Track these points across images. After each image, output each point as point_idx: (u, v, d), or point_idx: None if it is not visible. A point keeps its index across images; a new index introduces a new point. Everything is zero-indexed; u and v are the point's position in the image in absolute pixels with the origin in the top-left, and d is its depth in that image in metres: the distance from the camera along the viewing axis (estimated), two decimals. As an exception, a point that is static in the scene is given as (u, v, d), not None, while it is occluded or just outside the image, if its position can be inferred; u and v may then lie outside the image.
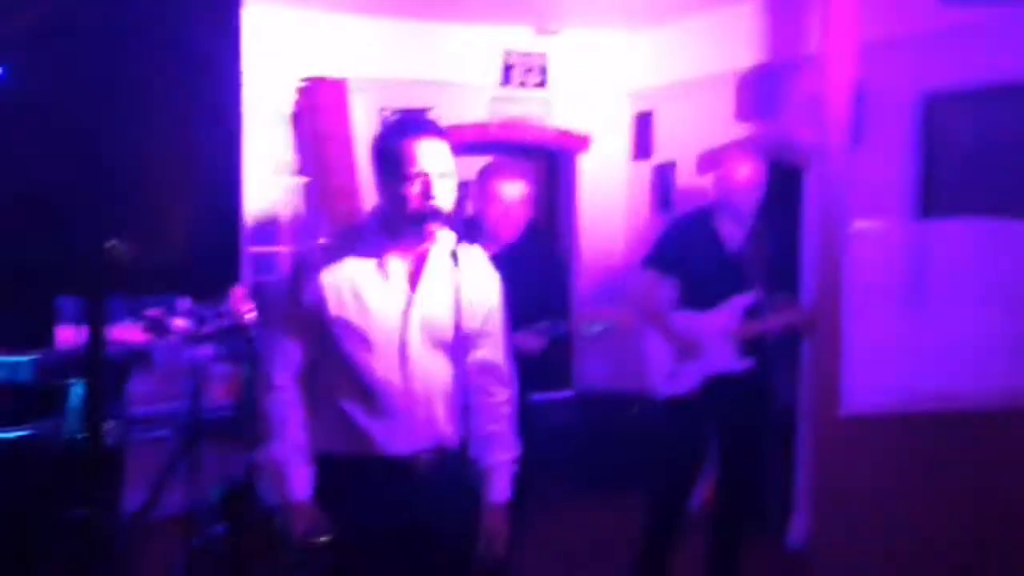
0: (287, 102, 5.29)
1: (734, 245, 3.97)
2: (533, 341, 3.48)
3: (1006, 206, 3.94)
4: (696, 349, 3.91)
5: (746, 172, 3.85)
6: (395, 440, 2.39)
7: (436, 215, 2.34)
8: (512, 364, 2.65)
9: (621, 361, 4.22)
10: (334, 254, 2.41)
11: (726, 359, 3.91)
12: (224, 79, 1.72)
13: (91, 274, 1.72)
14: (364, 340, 2.37)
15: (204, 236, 1.76)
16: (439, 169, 2.35)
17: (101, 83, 1.69)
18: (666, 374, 3.98)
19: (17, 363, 3.18)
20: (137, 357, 3.50)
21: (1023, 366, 2.93)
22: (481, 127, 5.85)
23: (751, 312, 3.92)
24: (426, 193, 2.33)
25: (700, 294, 3.85)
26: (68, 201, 1.69)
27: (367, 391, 2.37)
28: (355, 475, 2.40)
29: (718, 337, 3.91)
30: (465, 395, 2.52)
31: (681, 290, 4.02)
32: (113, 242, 1.68)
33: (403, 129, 2.40)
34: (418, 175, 2.33)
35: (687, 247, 4.00)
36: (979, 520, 2.85)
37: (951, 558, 2.86)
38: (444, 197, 2.36)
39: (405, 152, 2.34)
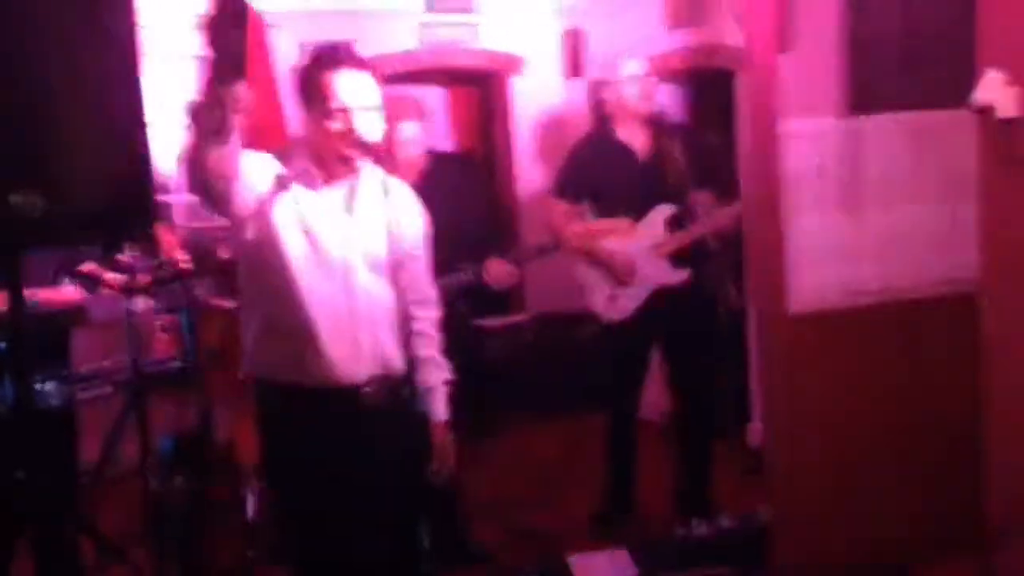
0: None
1: (645, 155, 3.92)
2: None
3: (933, 97, 3.96)
4: (630, 273, 3.88)
5: (637, 84, 3.81)
6: (343, 368, 2.37)
7: (362, 150, 2.31)
8: (435, 289, 2.66)
9: (568, 281, 4.19)
10: (275, 183, 2.35)
11: (660, 274, 3.89)
12: (114, 6, 1.63)
13: (1, 231, 1.65)
14: (309, 267, 2.33)
15: (111, 179, 1.69)
16: (362, 102, 2.31)
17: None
18: (606, 298, 3.95)
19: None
20: (73, 314, 3.42)
21: (955, 254, 2.96)
22: (410, 55, 5.74)
23: (675, 221, 3.89)
24: (349, 128, 2.29)
25: (619, 211, 3.79)
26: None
27: (313, 319, 2.34)
28: (303, 404, 2.38)
29: (647, 253, 3.88)
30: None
31: (598, 212, 3.95)
32: (17, 195, 1.60)
33: (323, 62, 2.34)
34: (340, 110, 2.29)
35: (594, 166, 3.91)
36: (918, 401, 2.94)
37: (896, 441, 2.95)
38: (369, 130, 2.32)
39: (326, 86, 2.29)
